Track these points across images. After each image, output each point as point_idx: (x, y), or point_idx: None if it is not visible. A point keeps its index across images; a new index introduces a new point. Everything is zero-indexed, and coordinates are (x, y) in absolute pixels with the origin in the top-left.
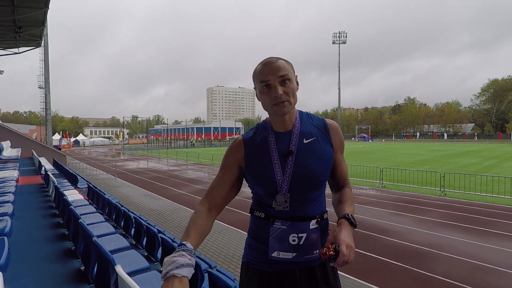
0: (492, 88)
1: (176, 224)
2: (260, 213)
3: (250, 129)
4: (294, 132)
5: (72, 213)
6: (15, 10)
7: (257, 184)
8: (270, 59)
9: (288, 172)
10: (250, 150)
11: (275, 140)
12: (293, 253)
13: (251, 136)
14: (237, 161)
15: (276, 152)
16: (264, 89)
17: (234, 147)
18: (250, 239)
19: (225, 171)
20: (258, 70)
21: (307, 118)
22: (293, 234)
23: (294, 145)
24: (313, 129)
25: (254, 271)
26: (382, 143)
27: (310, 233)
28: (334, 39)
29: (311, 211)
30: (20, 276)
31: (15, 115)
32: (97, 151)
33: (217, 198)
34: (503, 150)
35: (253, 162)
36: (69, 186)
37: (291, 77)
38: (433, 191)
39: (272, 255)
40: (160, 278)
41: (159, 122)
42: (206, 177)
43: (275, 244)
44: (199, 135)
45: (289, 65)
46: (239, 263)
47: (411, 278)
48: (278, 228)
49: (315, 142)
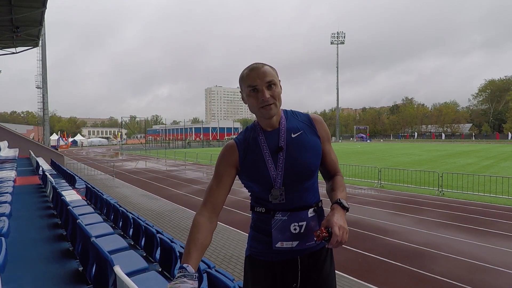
0: (489, 88)
1: (175, 224)
2: (260, 208)
3: (240, 133)
4: (281, 129)
5: (70, 213)
6: (13, 9)
7: (252, 182)
8: (256, 65)
9: (281, 167)
10: (244, 151)
11: (265, 138)
12: (295, 242)
13: (243, 138)
14: (232, 163)
15: (267, 149)
16: (251, 93)
17: (228, 151)
18: (254, 232)
19: (222, 176)
20: (246, 75)
21: (292, 115)
22: (294, 223)
23: (283, 140)
24: (299, 124)
25: (259, 262)
26: (380, 143)
27: (309, 221)
28: (333, 40)
29: (307, 201)
30: (17, 277)
31: (12, 115)
32: (95, 152)
33: (217, 203)
34: (500, 150)
35: (247, 162)
36: (67, 186)
37: (276, 82)
38: (431, 191)
39: (276, 245)
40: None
41: (158, 122)
42: (205, 177)
43: (278, 235)
44: (197, 135)
45: (274, 71)
46: (238, 263)
47: (410, 277)
48: (280, 219)
49: (302, 135)
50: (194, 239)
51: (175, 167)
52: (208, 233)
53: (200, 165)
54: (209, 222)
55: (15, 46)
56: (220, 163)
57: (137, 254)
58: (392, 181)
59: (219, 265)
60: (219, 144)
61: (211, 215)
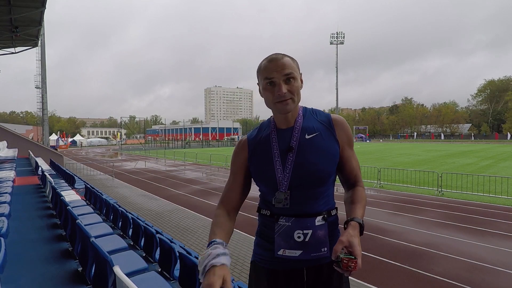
0: (488, 88)
1: (174, 224)
2: (266, 211)
3: (254, 128)
4: (296, 128)
5: (69, 213)
6: (12, 9)
7: (259, 181)
8: (276, 56)
9: (289, 169)
10: (253, 148)
11: (277, 137)
12: (299, 251)
13: (255, 135)
14: (243, 161)
15: (277, 148)
16: (268, 86)
17: (239, 148)
18: (258, 238)
19: (236, 173)
20: (263, 66)
21: (311, 114)
22: (298, 231)
23: (295, 140)
24: (317, 124)
25: (262, 269)
26: (380, 143)
27: (316, 230)
28: (332, 40)
29: (315, 208)
30: (16, 277)
31: (11, 115)
32: (95, 152)
33: (232, 201)
34: (499, 150)
35: (255, 160)
36: (66, 186)
37: (296, 75)
38: (430, 191)
39: (278, 253)
40: (199, 276)
41: (157, 122)
42: (204, 178)
43: (280, 241)
44: (197, 135)
45: (295, 63)
46: (237, 263)
47: (409, 277)
48: (283, 225)
49: (318, 137)
50: (217, 223)
51: (175, 167)
52: (230, 222)
53: (199, 165)
54: (227, 215)
55: (14, 46)
56: (233, 160)
57: (136, 254)
58: (392, 181)
59: None
60: (218, 144)
61: (229, 212)
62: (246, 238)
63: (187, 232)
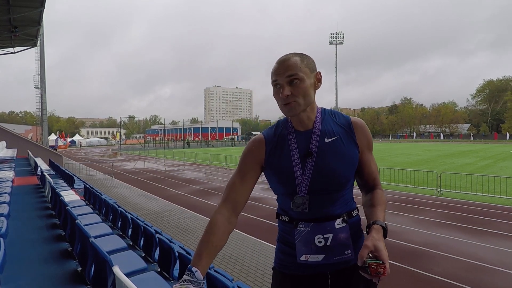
0: (487, 88)
1: (174, 224)
2: (284, 217)
3: (270, 126)
4: (314, 132)
5: (68, 213)
6: (11, 9)
7: (277, 183)
8: (283, 57)
9: (308, 173)
10: (271, 148)
11: (296, 138)
12: (321, 255)
13: (272, 134)
14: (258, 160)
15: (296, 151)
16: (275, 89)
17: (256, 146)
18: (279, 244)
19: (246, 173)
20: (272, 68)
21: (329, 116)
22: (319, 236)
23: (314, 145)
24: (336, 128)
25: (285, 275)
26: (379, 143)
27: (337, 233)
28: (331, 40)
29: (334, 211)
30: (16, 277)
31: (10, 115)
32: (94, 152)
33: (239, 201)
34: (498, 150)
35: (274, 161)
36: (65, 186)
37: (301, 76)
38: (429, 191)
39: (301, 259)
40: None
41: (156, 122)
42: (203, 178)
43: (301, 247)
44: (196, 135)
45: (303, 63)
46: (237, 263)
47: (408, 277)
48: (303, 230)
49: (337, 141)
50: (207, 241)
51: (174, 167)
52: (225, 234)
53: (199, 165)
54: (227, 222)
55: (13, 46)
56: (245, 158)
57: (136, 254)
58: (391, 181)
59: (218, 265)
60: (218, 144)
61: (231, 215)
62: (246, 238)
63: (187, 232)
